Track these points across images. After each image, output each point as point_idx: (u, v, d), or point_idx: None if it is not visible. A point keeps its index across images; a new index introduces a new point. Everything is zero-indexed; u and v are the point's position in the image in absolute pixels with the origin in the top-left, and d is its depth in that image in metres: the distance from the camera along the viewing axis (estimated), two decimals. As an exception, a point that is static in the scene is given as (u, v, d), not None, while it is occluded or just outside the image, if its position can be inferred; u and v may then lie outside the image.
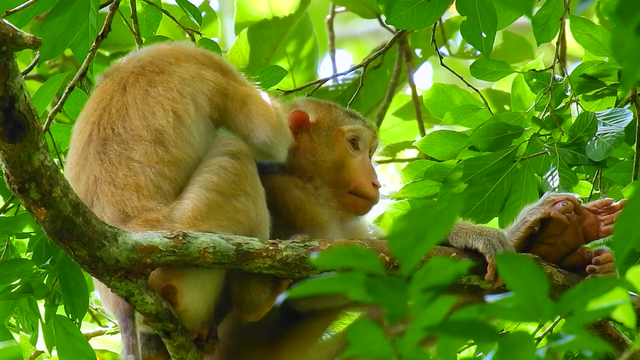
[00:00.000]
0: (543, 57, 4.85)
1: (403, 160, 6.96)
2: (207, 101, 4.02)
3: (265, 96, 4.14)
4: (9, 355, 2.83)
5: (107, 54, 6.90)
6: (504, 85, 6.21)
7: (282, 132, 4.07)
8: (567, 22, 4.73)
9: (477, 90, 4.90)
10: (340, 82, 6.92)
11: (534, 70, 4.72)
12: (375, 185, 4.27)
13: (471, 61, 4.89)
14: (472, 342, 4.43)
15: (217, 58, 4.19)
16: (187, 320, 3.83)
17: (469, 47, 6.83)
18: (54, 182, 3.60)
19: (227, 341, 4.11)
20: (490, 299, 2.52)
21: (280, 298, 2.64)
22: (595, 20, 6.20)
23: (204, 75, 4.07)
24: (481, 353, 4.57)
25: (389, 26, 6.77)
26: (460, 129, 4.85)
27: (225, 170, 3.86)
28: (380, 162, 4.53)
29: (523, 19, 5.27)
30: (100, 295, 3.94)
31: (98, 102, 4.03)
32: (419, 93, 6.87)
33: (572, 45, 6.58)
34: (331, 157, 4.26)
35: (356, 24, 9.52)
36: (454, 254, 3.94)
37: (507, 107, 4.95)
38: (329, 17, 7.25)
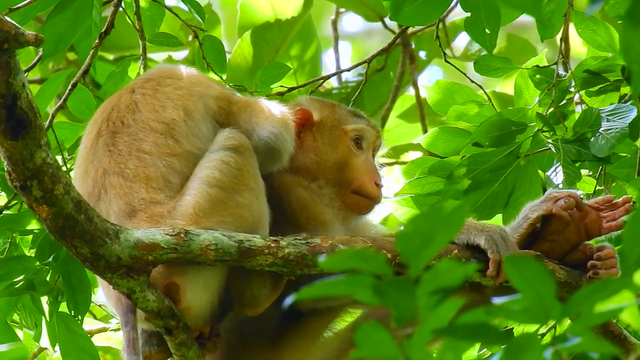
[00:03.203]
0: (546, 55, 4.83)
1: (407, 163, 6.93)
2: (214, 103, 4.03)
3: (269, 102, 4.14)
4: (15, 356, 2.83)
5: (110, 57, 6.88)
6: (508, 87, 6.20)
7: (288, 127, 4.06)
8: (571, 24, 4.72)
9: (480, 87, 4.89)
10: (343, 79, 6.89)
11: (537, 66, 4.71)
12: (378, 185, 4.25)
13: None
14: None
15: (220, 82, 4.26)
16: (189, 318, 3.82)
17: (473, 49, 6.81)
18: (55, 179, 3.59)
19: (228, 339, 4.10)
20: (497, 300, 2.52)
21: (288, 300, 2.62)
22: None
23: (211, 84, 4.10)
24: (484, 350, 4.57)
25: (391, 28, 6.77)
26: (463, 126, 4.84)
27: (228, 165, 3.85)
28: (384, 164, 4.53)
29: (527, 18, 5.26)
30: (103, 291, 3.95)
31: (106, 105, 4.05)
32: (422, 94, 6.84)
33: (575, 47, 6.58)
34: (334, 157, 4.25)
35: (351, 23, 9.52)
36: (456, 250, 3.94)
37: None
38: (332, 17, 7.23)
